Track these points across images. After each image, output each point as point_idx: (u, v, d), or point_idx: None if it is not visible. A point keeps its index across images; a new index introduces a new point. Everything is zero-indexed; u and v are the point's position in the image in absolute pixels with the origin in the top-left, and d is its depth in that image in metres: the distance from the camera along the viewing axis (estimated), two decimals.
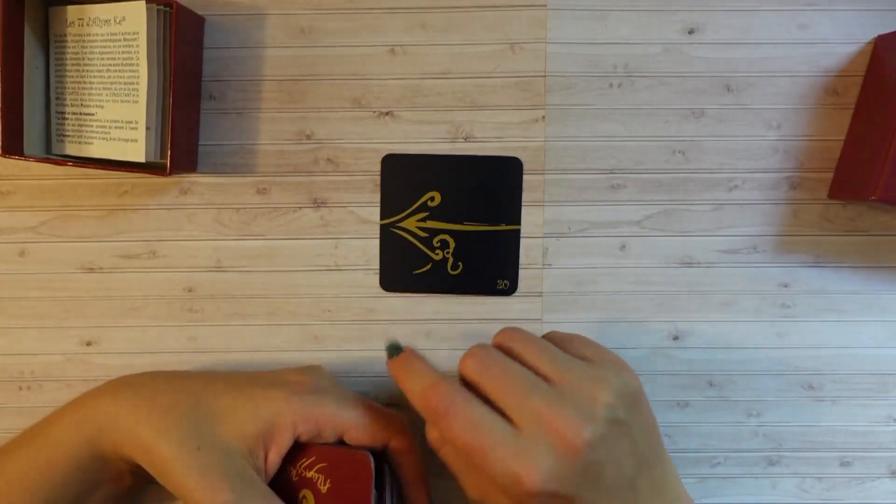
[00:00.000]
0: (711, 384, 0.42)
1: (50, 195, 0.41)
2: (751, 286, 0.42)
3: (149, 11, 0.36)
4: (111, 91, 0.37)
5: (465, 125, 0.40)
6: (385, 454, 0.36)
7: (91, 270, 0.42)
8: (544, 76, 0.40)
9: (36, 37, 0.38)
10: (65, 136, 0.39)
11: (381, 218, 0.41)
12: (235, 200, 0.41)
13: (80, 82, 0.38)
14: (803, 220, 0.41)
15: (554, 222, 0.41)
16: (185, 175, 0.41)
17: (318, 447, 0.35)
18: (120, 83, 0.37)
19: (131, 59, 0.36)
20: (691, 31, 0.40)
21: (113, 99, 0.37)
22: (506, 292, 0.41)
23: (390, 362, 0.35)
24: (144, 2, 0.36)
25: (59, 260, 0.42)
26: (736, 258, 0.41)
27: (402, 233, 0.41)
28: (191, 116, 0.39)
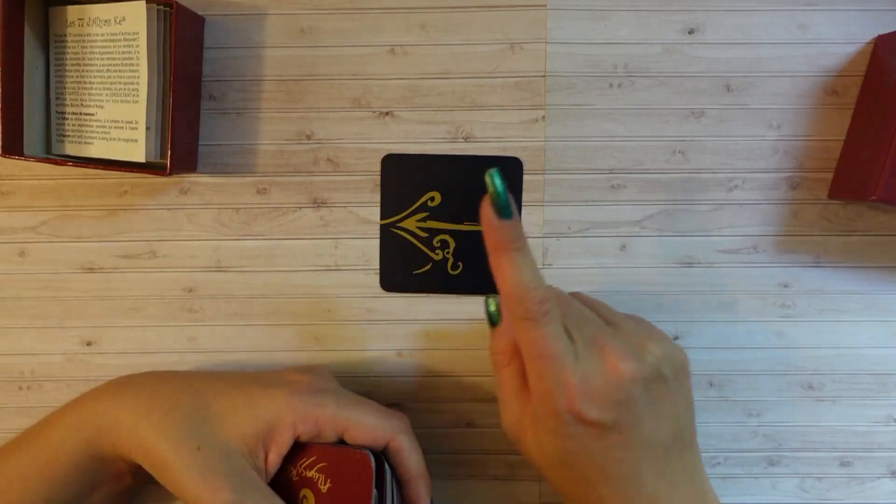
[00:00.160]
0: (711, 384, 0.42)
1: (50, 195, 0.41)
2: (751, 286, 0.42)
3: (149, 11, 0.36)
4: (111, 91, 0.37)
5: (465, 125, 0.40)
6: (385, 454, 0.36)
7: (91, 270, 0.42)
8: (544, 76, 0.40)
9: (36, 37, 0.38)
10: (65, 136, 0.39)
11: (381, 218, 0.41)
12: (235, 200, 0.41)
13: (80, 82, 0.38)
14: (803, 220, 0.41)
15: (554, 222, 0.41)
16: (185, 175, 0.41)
17: (319, 447, 0.35)
18: (120, 83, 0.37)
19: (131, 59, 0.36)
20: (691, 31, 0.40)
21: (113, 99, 0.37)
22: None
23: (494, 224, 0.29)
24: (144, 2, 0.36)
25: (59, 260, 0.42)
26: (736, 258, 0.41)
27: (402, 233, 0.41)
28: (191, 116, 0.39)
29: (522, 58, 0.40)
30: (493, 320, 0.34)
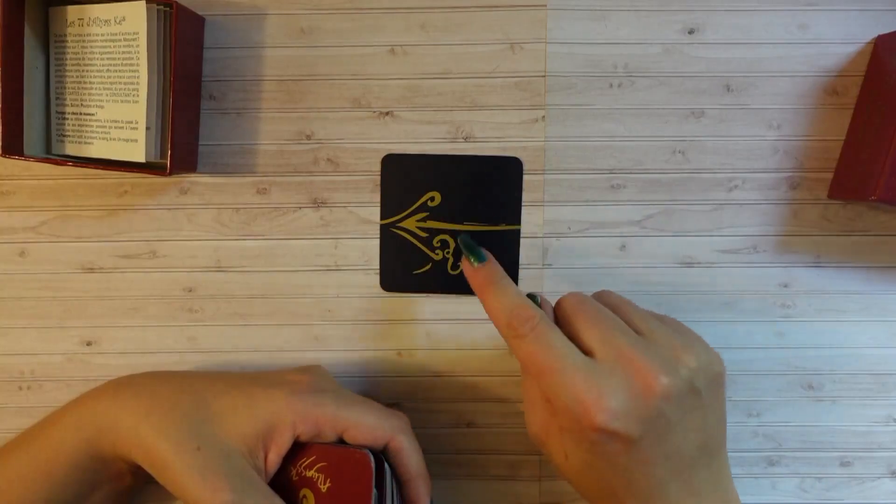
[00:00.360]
0: None
1: (50, 195, 0.41)
2: (751, 286, 0.42)
3: (149, 11, 0.36)
4: (111, 91, 0.37)
5: (465, 125, 0.40)
6: (385, 453, 0.36)
7: (91, 270, 0.42)
8: (544, 76, 0.40)
9: (36, 37, 0.38)
10: (65, 136, 0.39)
11: (381, 218, 0.41)
12: (235, 200, 0.41)
13: (80, 82, 0.38)
14: (803, 220, 0.41)
15: (554, 222, 0.41)
16: (185, 175, 0.41)
17: (319, 446, 0.35)
18: (120, 83, 0.37)
19: (131, 59, 0.36)
20: (691, 31, 0.40)
21: (113, 99, 0.37)
22: None
23: (473, 269, 0.34)
24: (144, 2, 0.36)
25: (59, 260, 0.42)
26: (736, 258, 0.41)
27: (402, 233, 0.41)
28: (191, 116, 0.39)
29: (522, 58, 0.40)
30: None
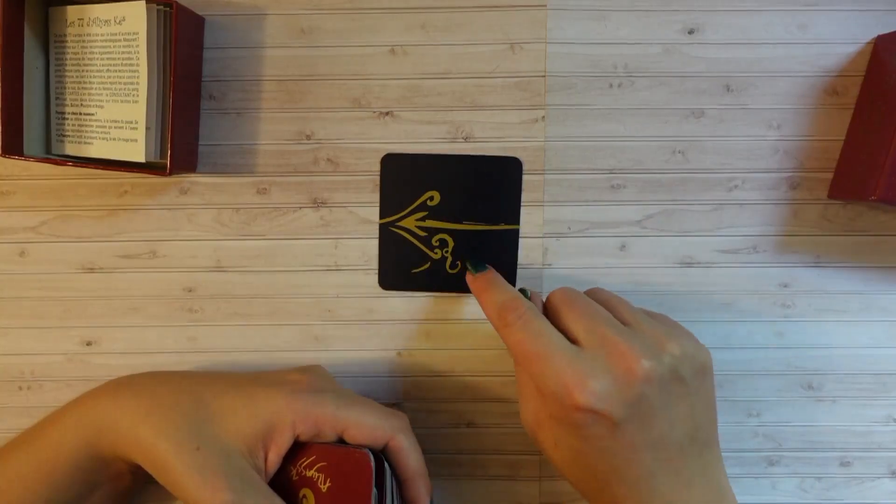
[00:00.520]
0: None
1: (50, 195, 0.41)
2: (751, 286, 0.42)
3: (149, 11, 0.36)
4: (111, 91, 0.37)
5: (465, 125, 0.40)
6: (385, 453, 0.36)
7: (91, 270, 0.42)
8: (544, 76, 0.40)
9: (36, 37, 0.38)
10: (65, 136, 0.39)
11: (381, 217, 0.41)
12: (235, 200, 0.41)
13: (80, 82, 0.38)
14: (803, 220, 0.41)
15: (554, 222, 0.41)
16: (185, 175, 0.41)
17: (318, 446, 0.35)
18: (120, 83, 0.37)
19: (131, 59, 0.36)
20: (691, 31, 0.40)
21: (113, 99, 0.37)
22: None
23: (473, 277, 0.38)
24: (144, 2, 0.36)
25: (59, 260, 0.42)
26: (736, 258, 0.41)
27: (401, 232, 0.41)
28: (191, 116, 0.39)
29: (522, 58, 0.40)
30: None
